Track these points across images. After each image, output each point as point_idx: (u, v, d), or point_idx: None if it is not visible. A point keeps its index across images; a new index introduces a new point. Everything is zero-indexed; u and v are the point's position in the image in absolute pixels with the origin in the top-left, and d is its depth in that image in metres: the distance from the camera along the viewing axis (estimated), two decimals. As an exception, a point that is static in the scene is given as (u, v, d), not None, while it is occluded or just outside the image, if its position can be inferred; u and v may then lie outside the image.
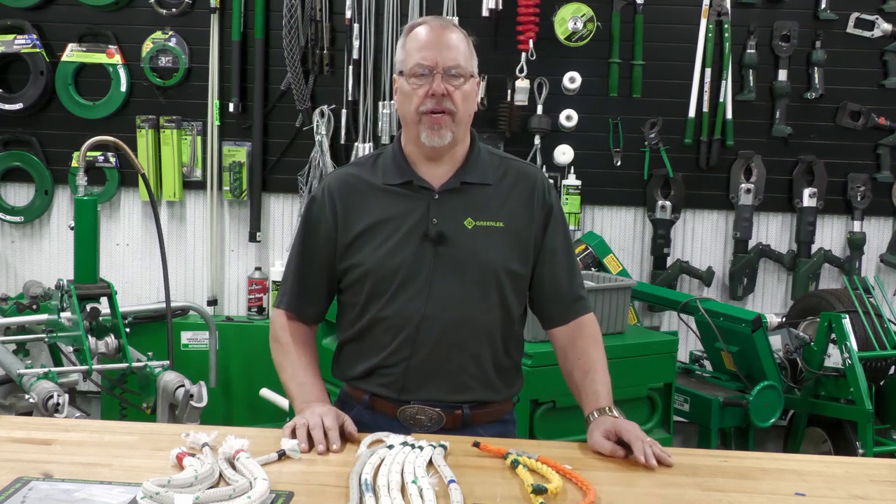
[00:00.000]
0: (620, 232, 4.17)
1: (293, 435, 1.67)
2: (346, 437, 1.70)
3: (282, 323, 1.97)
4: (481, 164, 1.93)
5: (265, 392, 3.51)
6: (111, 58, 4.08)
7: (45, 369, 2.74)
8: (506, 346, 1.93)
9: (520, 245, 1.90)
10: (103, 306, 2.89)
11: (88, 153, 2.95)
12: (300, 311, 1.98)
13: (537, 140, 4.02)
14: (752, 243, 4.10)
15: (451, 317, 1.85)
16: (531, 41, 3.92)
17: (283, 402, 3.41)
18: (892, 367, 3.49)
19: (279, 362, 1.95)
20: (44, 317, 3.15)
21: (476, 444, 1.67)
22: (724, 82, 4.00)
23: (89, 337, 2.80)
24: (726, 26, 3.98)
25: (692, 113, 4.04)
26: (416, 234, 1.85)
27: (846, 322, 3.27)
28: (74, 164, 3.97)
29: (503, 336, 1.92)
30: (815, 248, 4.09)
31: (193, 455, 1.52)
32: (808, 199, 4.05)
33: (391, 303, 1.86)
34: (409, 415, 1.88)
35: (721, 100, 4.02)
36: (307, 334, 1.99)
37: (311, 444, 1.66)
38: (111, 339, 2.86)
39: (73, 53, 4.08)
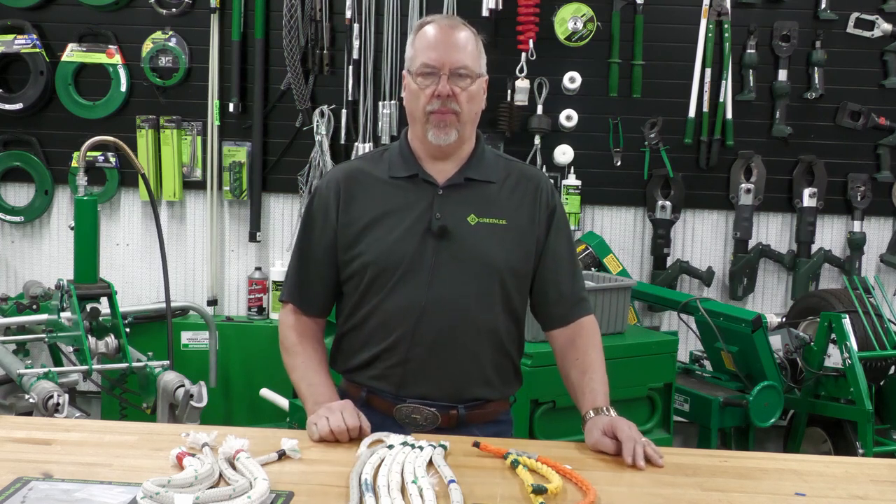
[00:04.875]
0: (620, 232, 4.17)
1: (322, 440, 1.68)
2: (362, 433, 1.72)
3: (289, 322, 1.97)
4: (486, 163, 1.94)
5: (265, 392, 3.51)
6: (111, 58, 4.07)
7: (45, 369, 2.74)
8: (506, 345, 1.93)
9: (522, 243, 1.91)
10: (103, 306, 2.88)
11: (88, 153, 2.95)
12: (304, 303, 1.97)
13: (537, 140, 4.02)
14: (752, 243, 4.10)
15: (450, 312, 1.85)
16: (531, 41, 3.92)
17: (282, 402, 3.41)
18: (892, 367, 3.49)
19: (288, 364, 1.95)
20: (44, 317, 3.15)
21: (476, 444, 1.67)
22: (724, 82, 4.00)
23: (89, 337, 2.80)
24: (726, 26, 3.98)
25: (692, 113, 4.04)
26: (418, 227, 1.86)
27: (846, 322, 3.27)
28: (74, 164, 3.96)
29: (504, 334, 1.92)
30: (815, 248, 4.08)
31: (193, 455, 1.52)
32: (808, 199, 4.05)
33: (391, 295, 1.86)
34: (405, 413, 1.88)
35: (721, 100, 4.02)
36: (314, 331, 1.98)
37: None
38: (111, 339, 2.85)
39: (73, 53, 4.07)
